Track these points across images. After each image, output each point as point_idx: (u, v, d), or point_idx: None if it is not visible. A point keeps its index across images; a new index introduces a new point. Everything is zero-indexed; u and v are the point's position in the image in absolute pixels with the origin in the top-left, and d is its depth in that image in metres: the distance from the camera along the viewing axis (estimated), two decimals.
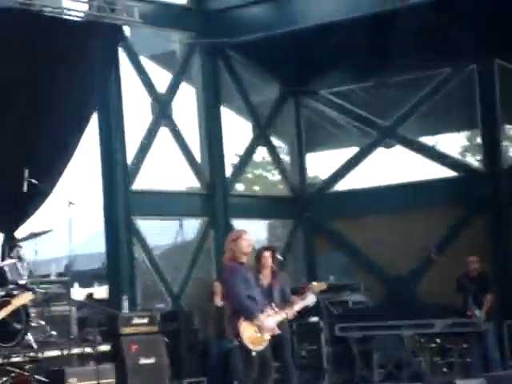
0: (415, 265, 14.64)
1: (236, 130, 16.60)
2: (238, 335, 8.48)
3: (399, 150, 15.84)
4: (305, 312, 10.13)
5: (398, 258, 14.70)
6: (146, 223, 14.23)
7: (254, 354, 8.45)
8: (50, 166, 12.16)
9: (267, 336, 8.57)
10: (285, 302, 9.39)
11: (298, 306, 9.23)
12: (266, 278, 9.77)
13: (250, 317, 8.45)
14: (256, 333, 8.49)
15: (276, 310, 8.87)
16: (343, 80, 15.51)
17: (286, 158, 17.00)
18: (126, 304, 12.04)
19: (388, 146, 15.91)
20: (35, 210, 12.22)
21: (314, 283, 9.79)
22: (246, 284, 8.59)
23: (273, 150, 16.43)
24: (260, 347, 8.50)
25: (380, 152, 15.93)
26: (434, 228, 14.40)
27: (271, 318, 8.67)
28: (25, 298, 8.06)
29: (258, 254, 9.94)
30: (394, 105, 15.44)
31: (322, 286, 9.71)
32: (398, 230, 14.78)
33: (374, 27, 13.70)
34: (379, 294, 14.50)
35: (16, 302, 8.03)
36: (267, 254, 9.83)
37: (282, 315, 8.89)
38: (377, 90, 15.41)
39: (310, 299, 9.47)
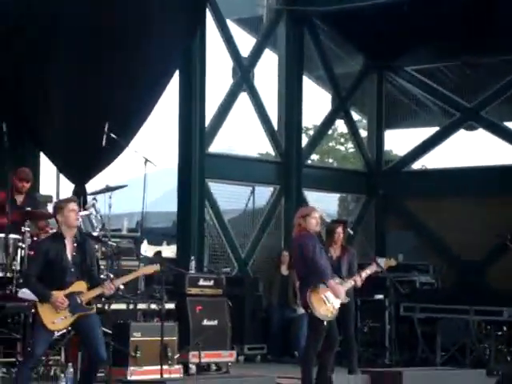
0: (488, 251, 14.38)
1: (315, 100, 16.49)
2: (307, 305, 8.44)
3: (481, 132, 15.54)
4: (370, 289, 10.03)
5: (471, 242, 14.45)
6: (218, 187, 14.26)
7: (325, 323, 8.41)
8: (127, 120, 12.23)
9: (337, 305, 8.53)
10: (351, 277, 9.34)
11: (367, 271, 9.13)
12: (335, 251, 9.75)
13: (325, 278, 8.38)
14: (325, 303, 8.44)
15: (344, 279, 8.90)
16: (430, 58, 15.23)
17: (363, 132, 16.83)
18: (193, 265, 12.10)
19: (470, 129, 15.61)
20: (109, 163, 12.34)
21: (384, 259, 9.68)
22: (319, 253, 8.55)
23: (351, 123, 16.28)
24: (330, 316, 8.46)
25: (461, 134, 15.65)
26: (511, 215, 14.09)
27: (340, 286, 8.64)
28: (150, 269, 8.04)
29: (330, 229, 9.91)
30: (480, 87, 15.14)
31: (392, 262, 9.61)
32: (473, 215, 14.53)
33: (466, 5, 13.37)
34: (448, 278, 14.29)
35: (141, 271, 8.09)
36: (340, 229, 9.81)
37: (350, 282, 8.92)
38: (463, 71, 15.11)
39: (380, 264, 9.32)
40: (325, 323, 8.42)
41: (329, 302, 8.46)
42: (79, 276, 7.58)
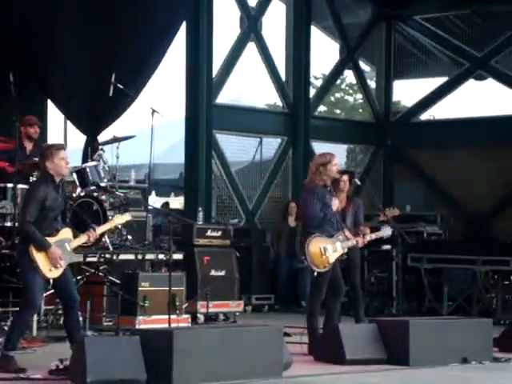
0: (496, 201, 14.36)
1: (323, 50, 16.35)
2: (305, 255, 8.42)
3: (491, 82, 15.42)
4: (377, 239, 10.02)
5: (479, 193, 14.43)
6: (225, 138, 14.23)
7: (315, 274, 8.35)
8: (135, 72, 12.18)
9: (332, 258, 8.44)
10: (356, 227, 9.30)
11: (372, 236, 9.11)
12: (341, 202, 9.67)
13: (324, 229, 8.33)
14: (321, 255, 8.38)
15: (348, 235, 8.76)
16: (439, 6, 15.08)
17: (371, 82, 16.72)
18: (200, 216, 12.13)
19: (479, 78, 15.49)
20: (118, 115, 12.32)
21: (388, 209, 9.66)
22: (324, 206, 8.47)
23: (359, 73, 16.16)
24: (323, 268, 8.39)
25: (470, 83, 15.53)
26: None
27: (339, 243, 8.53)
28: (123, 218, 8.02)
29: (335, 178, 9.80)
30: (490, 36, 14.97)
31: (395, 212, 9.58)
32: (482, 165, 14.48)
33: None
34: (456, 228, 14.29)
35: (115, 221, 8.03)
36: (345, 177, 9.67)
37: (352, 242, 8.78)
38: (473, 20, 14.94)
39: (386, 232, 9.35)
40: (315, 273, 8.34)
41: (325, 254, 8.40)
42: (64, 222, 7.48)
